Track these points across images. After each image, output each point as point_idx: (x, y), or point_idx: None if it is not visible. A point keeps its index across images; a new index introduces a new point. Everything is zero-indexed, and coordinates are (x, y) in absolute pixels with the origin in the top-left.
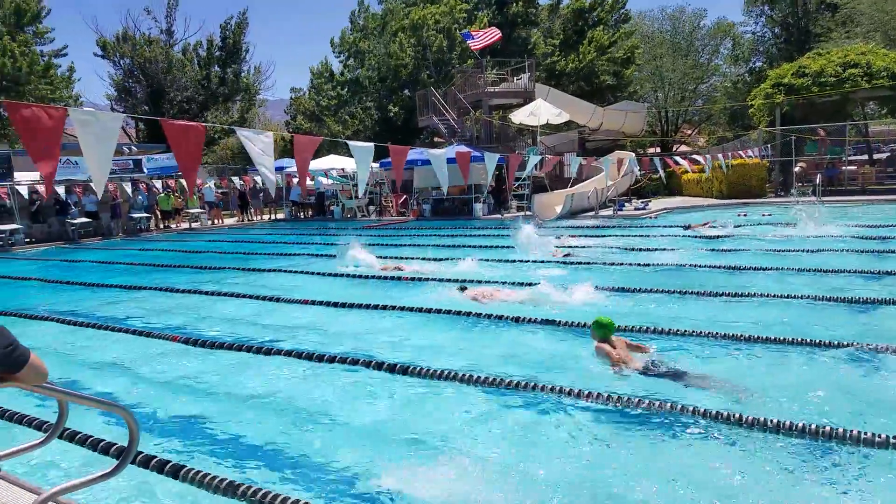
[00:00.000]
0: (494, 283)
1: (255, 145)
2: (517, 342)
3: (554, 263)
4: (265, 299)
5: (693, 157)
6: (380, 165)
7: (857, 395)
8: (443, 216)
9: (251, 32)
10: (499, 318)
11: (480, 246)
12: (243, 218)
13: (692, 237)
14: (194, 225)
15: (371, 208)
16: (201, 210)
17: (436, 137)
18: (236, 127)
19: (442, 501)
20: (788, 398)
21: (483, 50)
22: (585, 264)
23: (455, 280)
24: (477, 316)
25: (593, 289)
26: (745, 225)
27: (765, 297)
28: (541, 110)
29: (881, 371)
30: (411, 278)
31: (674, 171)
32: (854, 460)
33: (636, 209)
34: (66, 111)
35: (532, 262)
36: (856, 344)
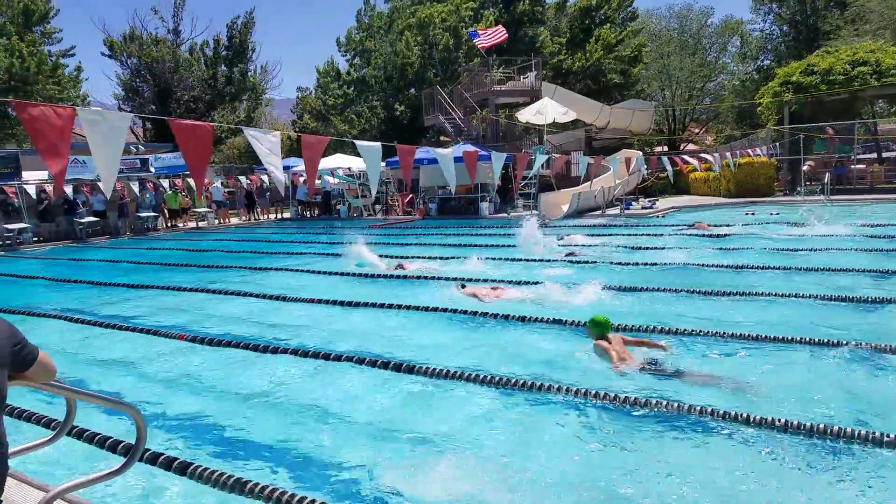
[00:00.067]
0: (500, 282)
1: (263, 144)
2: (519, 341)
3: (559, 262)
4: (271, 298)
5: (702, 156)
6: (386, 165)
7: (863, 395)
8: (449, 215)
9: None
10: (504, 318)
11: (486, 245)
12: (250, 217)
13: (699, 236)
14: (201, 224)
15: (377, 207)
16: (208, 209)
17: (442, 136)
18: (244, 126)
19: (444, 500)
20: (792, 397)
21: (489, 48)
22: (591, 263)
23: (462, 279)
24: (483, 315)
25: (597, 288)
26: (752, 224)
27: (771, 297)
28: (547, 109)
29: (886, 370)
30: (417, 277)
31: (681, 170)
32: (860, 460)
33: (643, 208)
34: (75, 111)
35: (538, 262)
36: (862, 344)
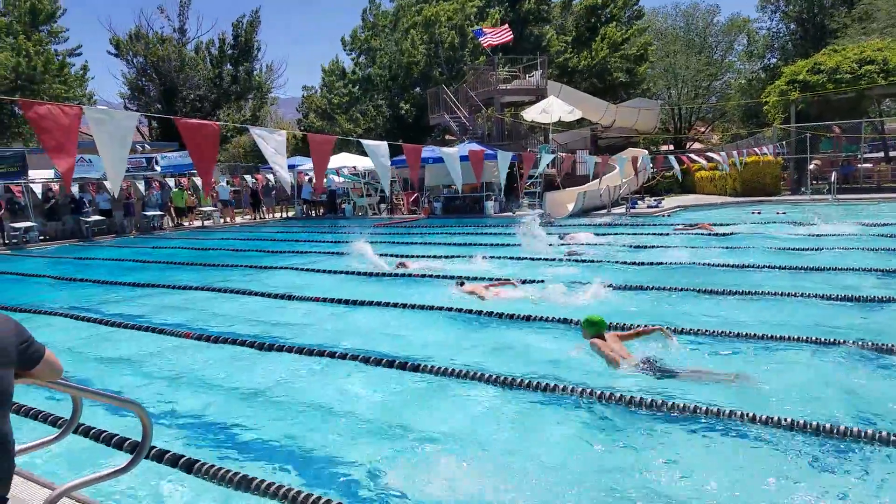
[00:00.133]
0: (501, 280)
1: (269, 144)
2: (521, 340)
3: (563, 262)
4: (276, 297)
5: (709, 155)
6: (391, 163)
7: (867, 394)
8: (454, 214)
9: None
10: (509, 318)
11: (491, 244)
12: (255, 216)
13: (703, 235)
14: (207, 223)
15: (382, 206)
16: (214, 208)
17: (447, 135)
18: (250, 126)
19: (446, 498)
20: (794, 396)
21: (495, 47)
22: (596, 262)
23: (460, 277)
24: (488, 315)
25: (598, 287)
26: (756, 223)
27: (774, 296)
28: (553, 108)
29: (890, 370)
30: (422, 275)
31: (688, 169)
32: (865, 460)
33: (649, 207)
34: (82, 109)
35: (541, 260)
36: (867, 343)
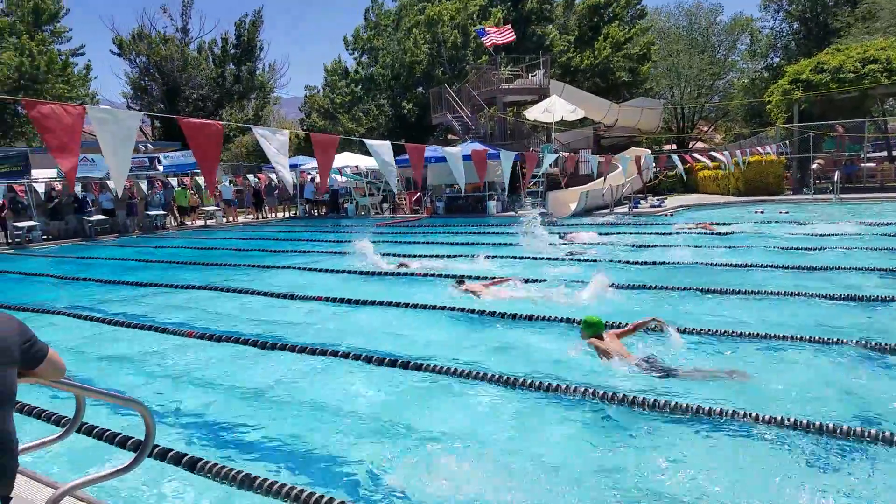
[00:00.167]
0: (502, 279)
1: (272, 144)
2: (522, 340)
3: (564, 261)
4: (279, 296)
5: (712, 154)
6: (380, 170)
7: (868, 394)
8: (456, 214)
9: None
10: (511, 317)
11: (494, 244)
12: (258, 215)
13: (706, 234)
14: (210, 222)
15: (385, 206)
16: (216, 207)
17: (449, 135)
18: (252, 125)
19: (448, 496)
20: (794, 395)
21: (497, 47)
22: (598, 262)
23: (459, 276)
24: (491, 315)
25: (600, 286)
26: (759, 223)
27: (774, 295)
28: (555, 107)
29: (892, 369)
30: (424, 274)
31: (691, 168)
32: (870, 460)
33: (652, 206)
34: (85, 109)
35: (545, 260)
36: (869, 343)
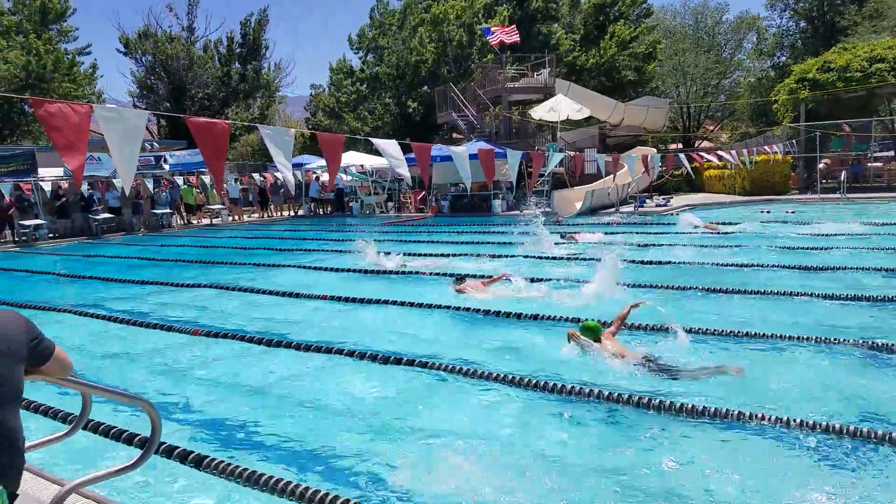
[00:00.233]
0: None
1: (276, 143)
2: (524, 338)
3: (569, 260)
4: (284, 294)
5: (719, 153)
6: (392, 167)
7: (871, 394)
8: (461, 212)
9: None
10: (517, 317)
11: (499, 242)
12: (263, 214)
13: (709, 234)
14: (215, 221)
15: (390, 204)
16: (222, 206)
17: (454, 134)
18: (258, 124)
19: (450, 496)
20: (794, 394)
21: (503, 46)
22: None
23: (467, 275)
24: (496, 314)
25: (601, 285)
26: (762, 222)
27: (776, 295)
28: (561, 106)
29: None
30: (429, 273)
31: (699, 167)
32: (873, 460)
33: (657, 206)
34: (92, 108)
35: (549, 259)
36: (876, 343)
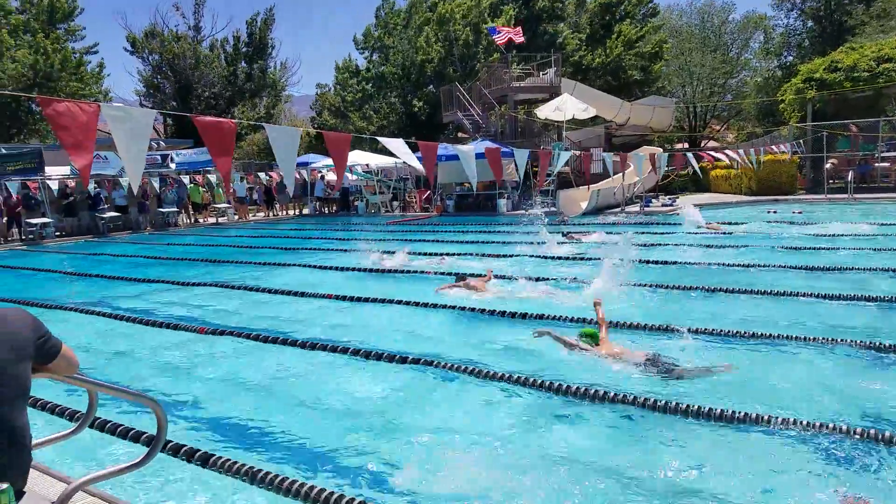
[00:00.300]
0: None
1: (281, 142)
2: (523, 338)
3: (571, 260)
4: (289, 293)
5: (727, 153)
6: (404, 161)
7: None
8: (466, 212)
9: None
10: (522, 317)
11: (503, 242)
12: (269, 213)
13: (712, 234)
14: (221, 220)
15: (395, 204)
16: (228, 205)
17: (460, 133)
18: (265, 123)
19: (453, 494)
20: (793, 394)
21: (508, 45)
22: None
23: (459, 274)
24: (501, 314)
25: (604, 285)
26: (773, 222)
27: (790, 296)
28: (567, 105)
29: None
30: (434, 273)
31: (704, 167)
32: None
33: (663, 206)
34: (99, 107)
35: (553, 259)
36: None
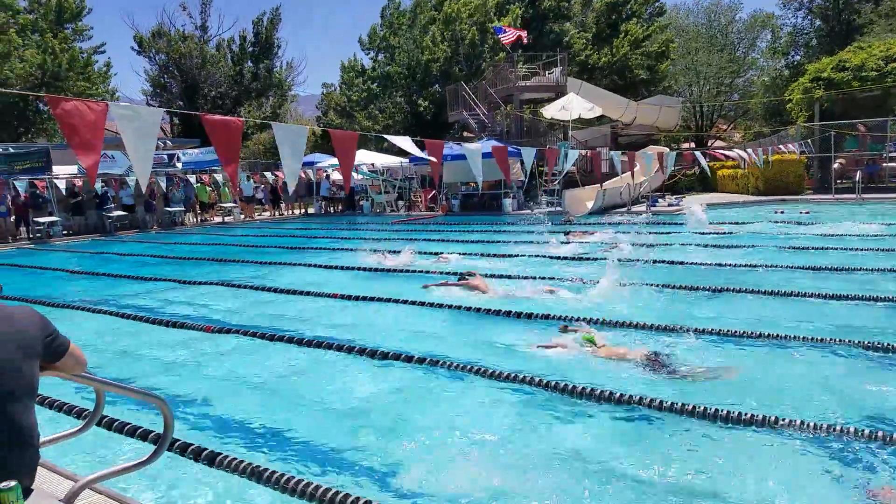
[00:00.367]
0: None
1: (288, 141)
2: (525, 338)
3: (573, 260)
4: (295, 292)
5: (736, 152)
6: (410, 161)
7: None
8: (472, 211)
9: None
10: (528, 317)
11: (508, 241)
12: (274, 212)
13: (718, 234)
14: (227, 219)
15: (400, 203)
16: (234, 204)
17: (465, 132)
18: (272, 121)
19: (455, 494)
20: (791, 394)
21: (514, 44)
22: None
23: (459, 273)
24: (506, 314)
25: (606, 285)
26: (779, 222)
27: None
28: (573, 105)
29: None
30: (439, 272)
31: (711, 167)
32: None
33: (669, 205)
34: (107, 105)
35: (558, 259)
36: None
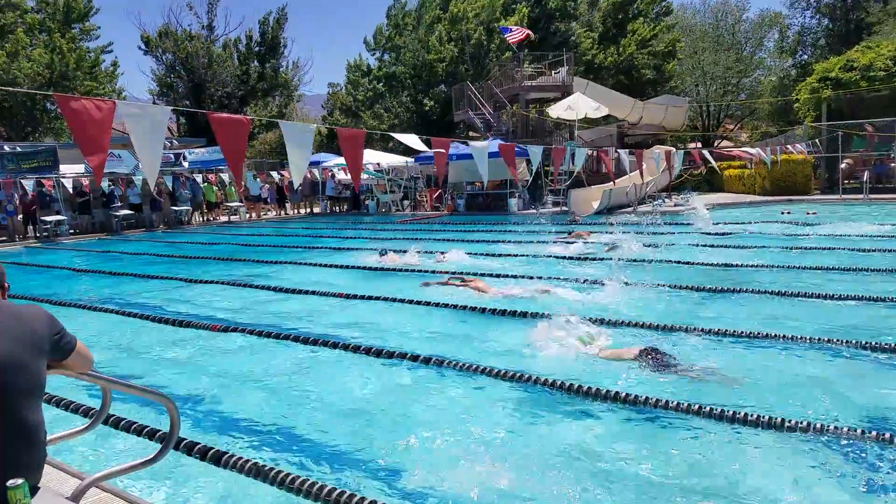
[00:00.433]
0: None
1: (295, 139)
2: (527, 337)
3: (582, 260)
4: (300, 291)
5: (746, 151)
6: (415, 160)
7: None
8: (477, 211)
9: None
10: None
11: (514, 241)
12: (280, 212)
13: (718, 234)
14: (233, 218)
15: (405, 203)
16: (240, 204)
17: (471, 132)
18: (279, 120)
19: (456, 493)
20: (791, 395)
21: (520, 43)
22: (618, 261)
23: (460, 273)
24: (511, 314)
25: (608, 285)
26: (786, 223)
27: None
28: (579, 104)
29: None
30: (445, 272)
31: (718, 167)
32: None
33: (676, 205)
34: (115, 104)
35: (563, 259)
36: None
